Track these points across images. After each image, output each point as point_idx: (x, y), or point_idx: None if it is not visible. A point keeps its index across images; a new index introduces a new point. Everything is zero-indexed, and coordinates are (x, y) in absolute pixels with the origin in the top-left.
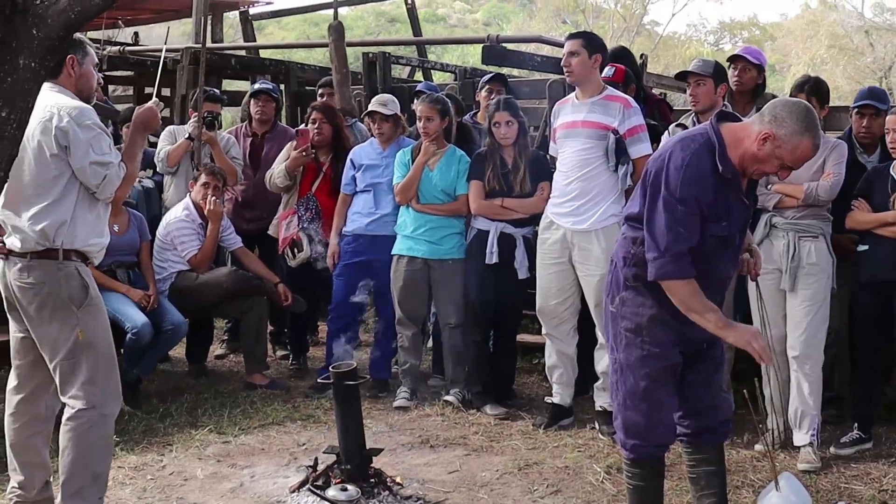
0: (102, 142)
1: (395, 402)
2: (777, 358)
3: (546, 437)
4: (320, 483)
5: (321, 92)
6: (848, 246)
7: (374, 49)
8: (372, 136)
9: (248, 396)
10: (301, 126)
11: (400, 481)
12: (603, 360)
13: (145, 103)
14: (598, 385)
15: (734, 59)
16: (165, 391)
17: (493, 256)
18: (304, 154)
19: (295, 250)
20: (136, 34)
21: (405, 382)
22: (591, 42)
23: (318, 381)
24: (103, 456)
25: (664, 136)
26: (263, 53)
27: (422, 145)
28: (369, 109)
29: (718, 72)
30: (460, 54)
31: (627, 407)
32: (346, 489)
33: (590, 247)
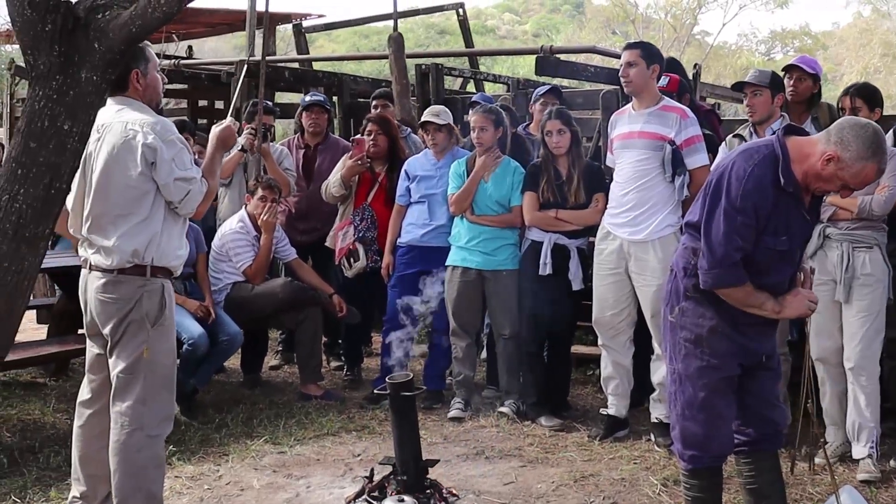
0: (185, 157)
1: (450, 413)
2: (833, 370)
3: (601, 448)
4: (376, 494)
5: (375, 103)
6: None
7: (427, 61)
8: (426, 147)
9: (302, 407)
10: (356, 136)
11: (456, 492)
12: (659, 372)
13: (222, 120)
14: (653, 396)
15: (789, 68)
16: (221, 402)
17: (546, 268)
18: (359, 163)
19: (351, 260)
20: (189, 48)
21: (459, 393)
22: (649, 52)
23: (374, 391)
24: (155, 477)
25: (721, 147)
26: (315, 66)
27: (476, 156)
28: (422, 120)
29: (775, 82)
30: (510, 65)
31: (686, 417)
32: (402, 500)
33: (646, 257)
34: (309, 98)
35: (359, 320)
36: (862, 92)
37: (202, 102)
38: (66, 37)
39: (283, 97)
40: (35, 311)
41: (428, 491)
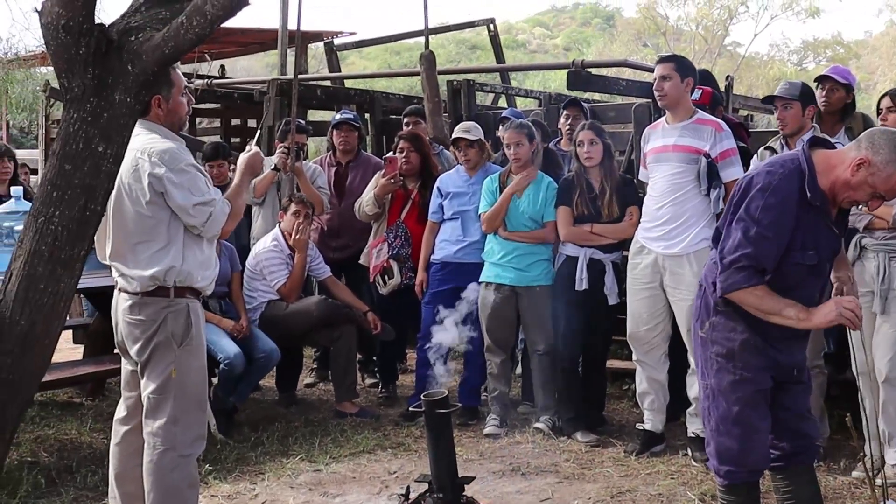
0: (199, 181)
1: (485, 429)
2: (871, 382)
3: (638, 464)
4: None
5: (407, 121)
6: None
7: (458, 76)
8: (458, 163)
9: (338, 425)
10: (388, 154)
11: None
12: (695, 386)
13: (250, 148)
14: (690, 411)
15: (822, 79)
16: (256, 420)
17: (582, 283)
18: (391, 181)
19: (385, 277)
20: (222, 67)
21: (495, 410)
22: (683, 65)
23: (409, 408)
24: (189, 496)
25: (753, 160)
26: (347, 83)
27: (510, 171)
28: (454, 137)
29: (805, 94)
30: (541, 80)
31: (720, 432)
32: None
33: (681, 271)
34: (339, 116)
35: (393, 337)
36: None
37: (235, 121)
38: (100, 59)
39: (316, 115)
40: (71, 330)
41: None
